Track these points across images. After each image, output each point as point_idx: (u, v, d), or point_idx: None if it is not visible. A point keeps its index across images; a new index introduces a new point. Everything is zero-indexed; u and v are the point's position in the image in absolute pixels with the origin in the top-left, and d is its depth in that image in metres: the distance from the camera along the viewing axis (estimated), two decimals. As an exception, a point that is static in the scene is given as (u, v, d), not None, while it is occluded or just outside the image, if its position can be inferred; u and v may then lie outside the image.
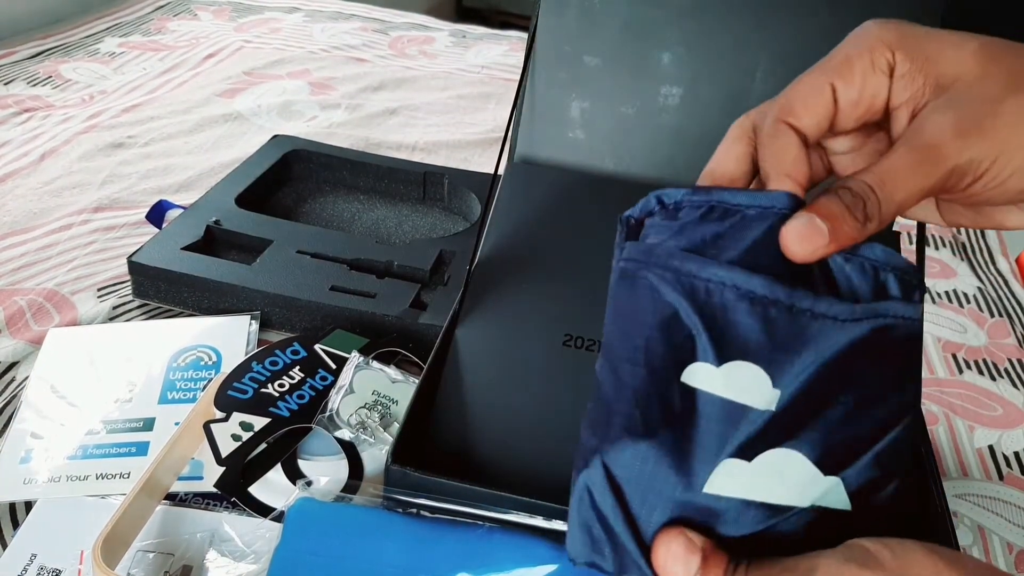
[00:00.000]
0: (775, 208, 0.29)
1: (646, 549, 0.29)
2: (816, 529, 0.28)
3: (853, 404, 0.29)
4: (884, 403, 0.29)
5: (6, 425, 0.55)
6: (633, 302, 0.31)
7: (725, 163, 0.32)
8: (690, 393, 0.28)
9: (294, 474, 0.51)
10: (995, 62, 0.28)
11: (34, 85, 1.05)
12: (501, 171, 0.57)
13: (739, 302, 0.29)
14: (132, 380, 0.58)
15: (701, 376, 0.28)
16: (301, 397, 0.55)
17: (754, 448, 0.28)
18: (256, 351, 0.59)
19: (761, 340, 0.28)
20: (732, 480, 0.28)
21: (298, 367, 0.57)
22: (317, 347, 0.59)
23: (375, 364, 0.57)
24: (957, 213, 0.33)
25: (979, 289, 0.80)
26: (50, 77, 1.08)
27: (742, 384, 0.28)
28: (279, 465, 0.52)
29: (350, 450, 0.53)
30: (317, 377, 0.57)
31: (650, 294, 0.30)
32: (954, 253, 0.85)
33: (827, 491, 0.28)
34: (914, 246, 0.53)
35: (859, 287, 0.29)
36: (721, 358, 0.28)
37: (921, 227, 0.52)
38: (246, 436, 0.52)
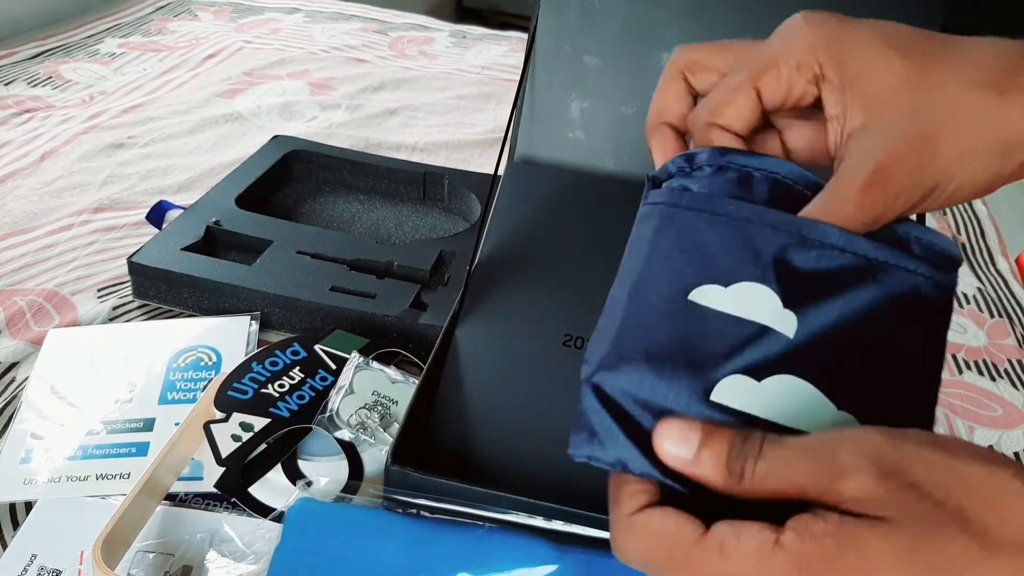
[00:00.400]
0: (790, 179, 0.31)
1: (646, 443, 0.28)
2: None
3: (878, 356, 0.28)
4: (909, 363, 0.29)
5: (6, 425, 0.55)
6: (656, 236, 0.31)
7: (668, 103, 0.35)
8: (699, 311, 0.29)
9: (294, 474, 0.51)
10: (922, 86, 0.28)
11: (34, 85, 1.05)
12: (501, 171, 0.57)
13: (766, 234, 0.29)
14: (132, 381, 0.58)
15: (710, 295, 0.29)
16: (301, 398, 0.55)
17: (765, 370, 0.28)
18: (256, 351, 0.59)
19: (788, 271, 0.29)
20: (739, 395, 0.28)
21: (298, 367, 0.57)
22: (317, 347, 0.59)
23: (375, 364, 0.57)
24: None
25: (979, 290, 0.80)
26: (50, 78, 1.08)
27: (750, 302, 0.28)
28: (279, 465, 0.52)
29: (350, 450, 0.53)
30: (317, 377, 0.57)
31: (675, 226, 0.31)
32: (954, 253, 0.85)
33: (839, 424, 0.28)
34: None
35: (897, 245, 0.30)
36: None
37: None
38: (246, 436, 0.52)
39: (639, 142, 0.57)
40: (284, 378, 0.56)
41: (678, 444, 0.27)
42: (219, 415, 0.53)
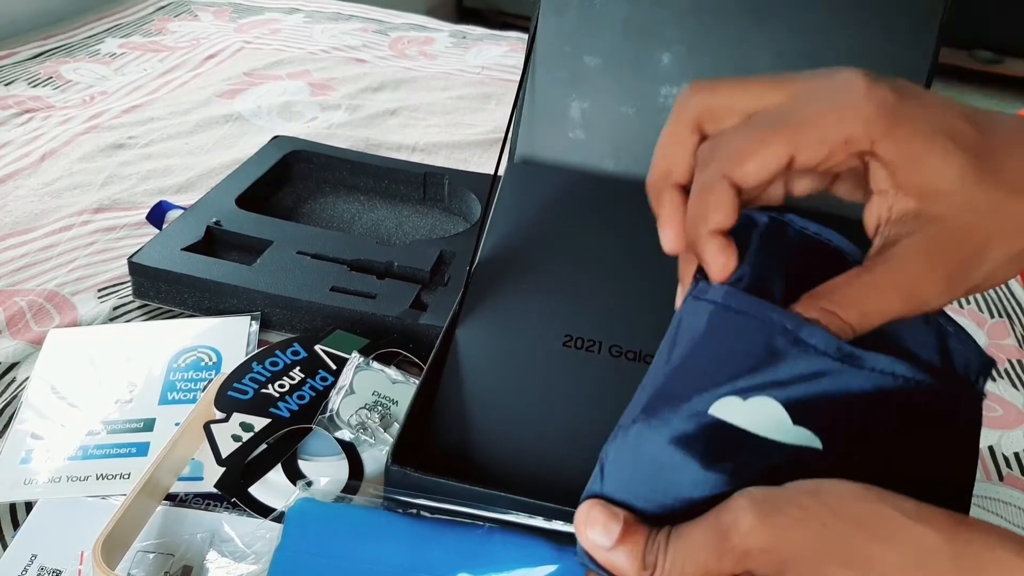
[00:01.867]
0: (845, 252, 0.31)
1: None
2: None
3: (902, 471, 0.28)
4: (940, 474, 0.29)
5: (6, 426, 0.55)
6: (702, 339, 0.30)
7: (678, 160, 0.32)
8: (720, 424, 0.28)
9: (294, 475, 0.51)
10: (977, 184, 0.27)
11: (35, 86, 1.05)
12: (501, 171, 0.57)
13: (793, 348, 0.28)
14: (132, 381, 0.58)
15: (727, 409, 0.28)
16: (301, 398, 0.55)
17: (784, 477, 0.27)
18: (256, 352, 0.59)
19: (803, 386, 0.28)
20: None
21: (298, 368, 0.57)
22: (317, 348, 0.59)
23: (375, 365, 0.57)
24: None
25: (979, 289, 0.80)
26: (51, 78, 1.08)
27: (762, 417, 0.28)
28: (279, 466, 0.52)
29: (350, 451, 0.53)
30: (317, 378, 0.57)
31: (719, 332, 0.30)
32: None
33: None
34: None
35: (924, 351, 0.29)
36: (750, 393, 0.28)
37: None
38: (246, 437, 0.52)
39: (639, 142, 0.57)
40: (284, 378, 0.56)
41: (600, 532, 0.27)
42: (219, 415, 0.53)
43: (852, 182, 0.31)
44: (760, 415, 0.28)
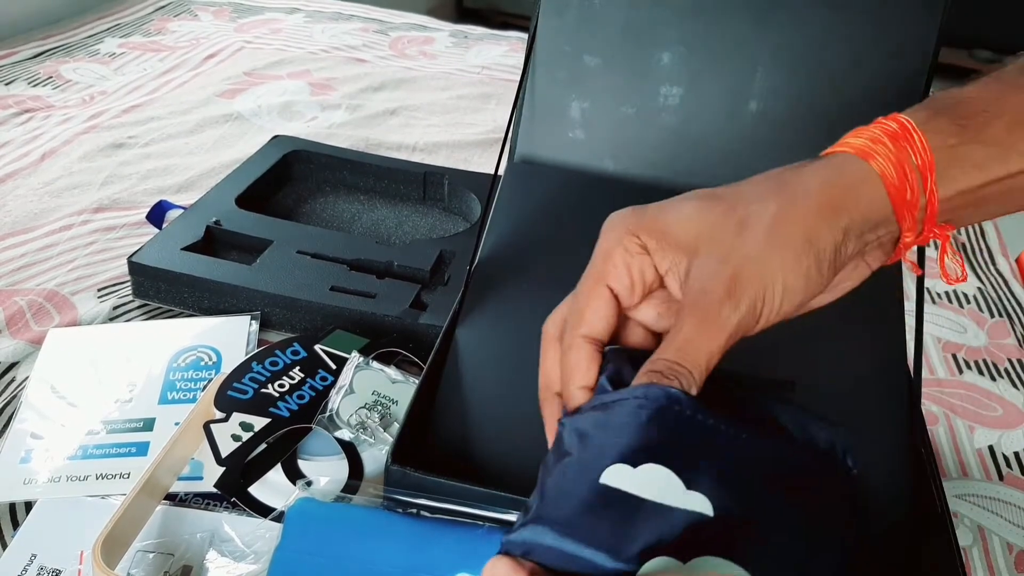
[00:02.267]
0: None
1: None
2: None
3: (784, 530, 0.29)
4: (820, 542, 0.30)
5: (6, 425, 0.55)
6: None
7: (552, 370, 0.36)
8: (611, 493, 0.29)
9: (294, 474, 0.51)
10: (714, 212, 0.33)
11: (35, 85, 1.05)
12: (501, 171, 0.57)
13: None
14: (132, 380, 0.58)
15: (618, 476, 0.29)
16: (301, 397, 0.55)
17: (687, 551, 0.28)
18: (256, 351, 0.59)
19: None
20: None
21: (298, 367, 0.57)
22: (317, 347, 0.59)
23: (375, 364, 0.57)
24: None
25: (979, 289, 0.80)
26: (50, 77, 1.08)
27: (654, 483, 0.28)
28: (279, 465, 0.52)
29: (350, 450, 0.53)
30: (317, 377, 0.57)
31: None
32: (954, 253, 0.85)
33: None
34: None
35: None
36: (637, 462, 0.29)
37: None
38: (246, 436, 0.52)
39: (639, 142, 0.57)
40: (284, 378, 0.56)
41: None
42: (219, 415, 0.53)
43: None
44: (652, 481, 0.29)
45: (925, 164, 0.31)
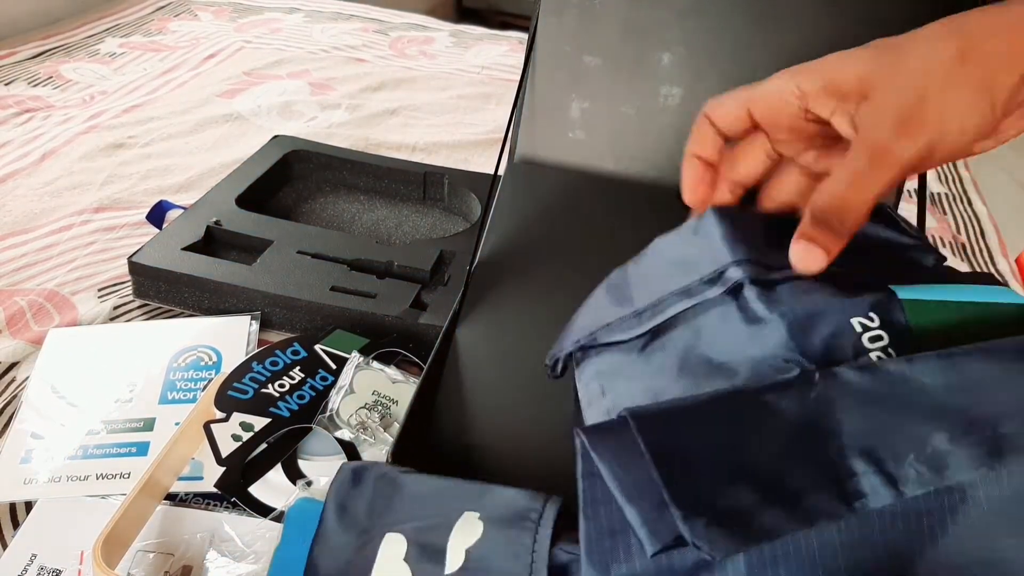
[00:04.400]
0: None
1: None
2: None
3: None
4: None
5: (6, 425, 0.55)
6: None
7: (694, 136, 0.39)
8: None
9: (294, 474, 0.51)
10: (889, 55, 0.33)
11: (35, 85, 1.05)
12: (501, 171, 0.57)
13: None
14: (132, 380, 0.58)
15: None
16: (301, 397, 0.55)
17: None
18: (256, 351, 0.59)
19: None
20: None
21: (298, 367, 0.57)
22: (317, 347, 0.59)
23: (375, 364, 0.57)
24: None
25: (979, 289, 0.80)
26: (51, 77, 1.08)
27: None
28: (279, 465, 0.52)
29: (350, 450, 0.53)
30: (317, 377, 0.57)
31: None
32: (954, 253, 0.85)
33: None
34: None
35: None
36: None
37: (921, 227, 0.52)
38: (246, 436, 0.52)
39: (639, 142, 0.57)
40: (284, 378, 0.56)
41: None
42: (219, 415, 0.53)
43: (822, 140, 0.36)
44: None
45: None
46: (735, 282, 0.33)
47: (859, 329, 0.31)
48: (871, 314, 0.31)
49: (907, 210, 0.68)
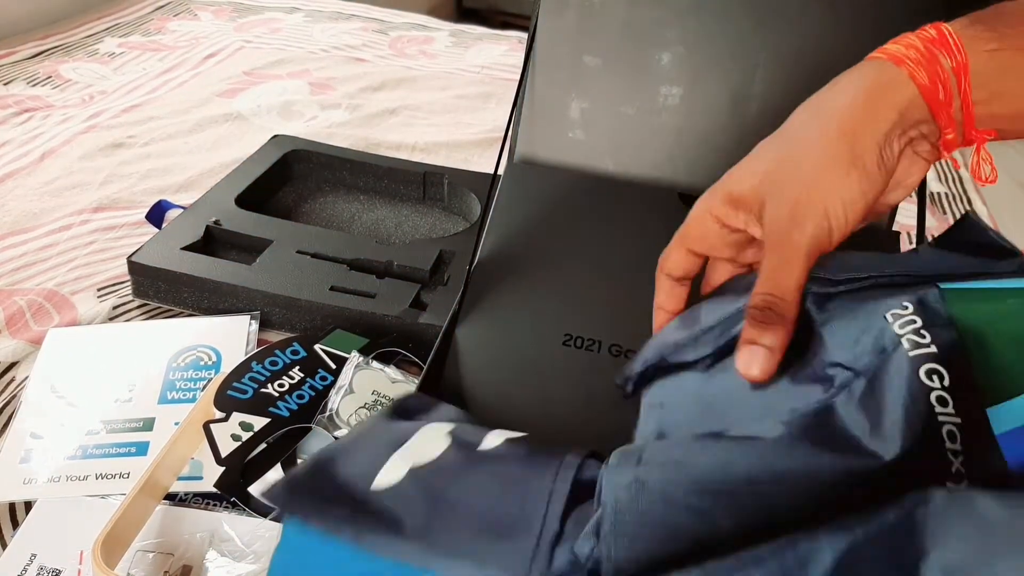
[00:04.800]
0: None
1: None
2: None
3: None
4: None
5: (6, 425, 0.55)
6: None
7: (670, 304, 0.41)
8: None
9: (294, 474, 0.51)
10: (767, 160, 0.36)
11: (34, 85, 1.05)
12: (501, 171, 0.57)
13: None
14: (132, 380, 0.58)
15: None
16: (301, 397, 0.55)
17: None
18: (256, 351, 0.59)
19: None
20: None
21: (298, 367, 0.57)
22: (317, 347, 0.59)
23: (375, 364, 0.57)
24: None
25: (979, 289, 0.80)
26: (50, 77, 1.08)
27: None
28: (279, 465, 0.52)
29: (350, 450, 0.53)
30: (317, 377, 0.57)
31: None
32: (954, 253, 0.85)
33: None
34: (914, 246, 0.53)
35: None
36: None
37: (921, 227, 0.52)
38: (246, 436, 0.52)
39: (639, 142, 0.57)
40: (284, 378, 0.56)
41: None
42: (219, 415, 0.53)
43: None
44: None
45: (959, 66, 0.33)
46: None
47: (890, 320, 0.30)
48: (905, 303, 0.30)
49: (907, 210, 0.68)
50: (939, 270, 0.34)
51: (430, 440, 0.34)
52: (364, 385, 0.55)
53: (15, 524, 0.48)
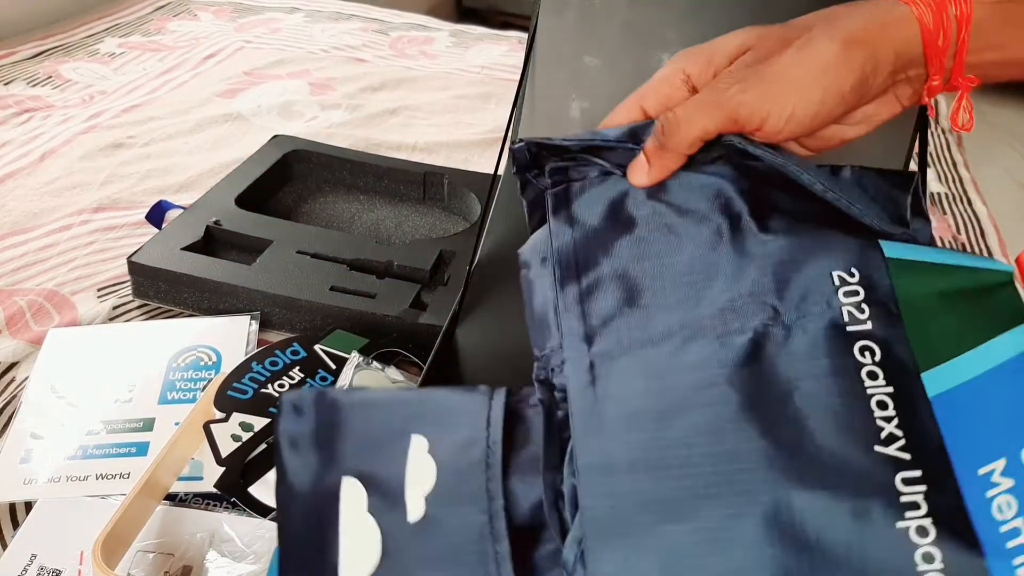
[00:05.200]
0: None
1: None
2: None
3: None
4: None
5: (6, 425, 0.55)
6: None
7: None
8: None
9: (294, 474, 0.51)
10: (761, 35, 0.36)
11: (34, 85, 1.05)
12: (501, 171, 0.57)
13: None
14: (132, 380, 0.58)
15: None
16: (301, 397, 0.55)
17: None
18: (256, 351, 0.59)
19: None
20: None
21: (298, 367, 0.57)
22: (317, 347, 0.59)
23: (375, 364, 0.57)
24: (809, 144, 0.39)
25: (979, 289, 0.80)
26: (50, 77, 1.08)
27: None
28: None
29: (350, 450, 0.53)
30: (317, 377, 0.57)
31: None
32: (954, 253, 0.85)
33: None
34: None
35: None
36: None
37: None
38: (246, 436, 0.52)
39: (639, 142, 0.57)
40: (284, 378, 0.56)
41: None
42: (219, 415, 0.53)
43: None
44: None
45: (963, 15, 0.34)
46: (736, 211, 0.36)
47: (836, 283, 0.33)
48: (853, 269, 0.33)
49: (907, 210, 0.68)
50: (863, 213, 0.35)
51: (362, 536, 0.33)
52: (364, 385, 0.55)
53: (15, 524, 0.48)
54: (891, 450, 0.29)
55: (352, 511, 0.34)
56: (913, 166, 0.54)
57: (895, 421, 0.29)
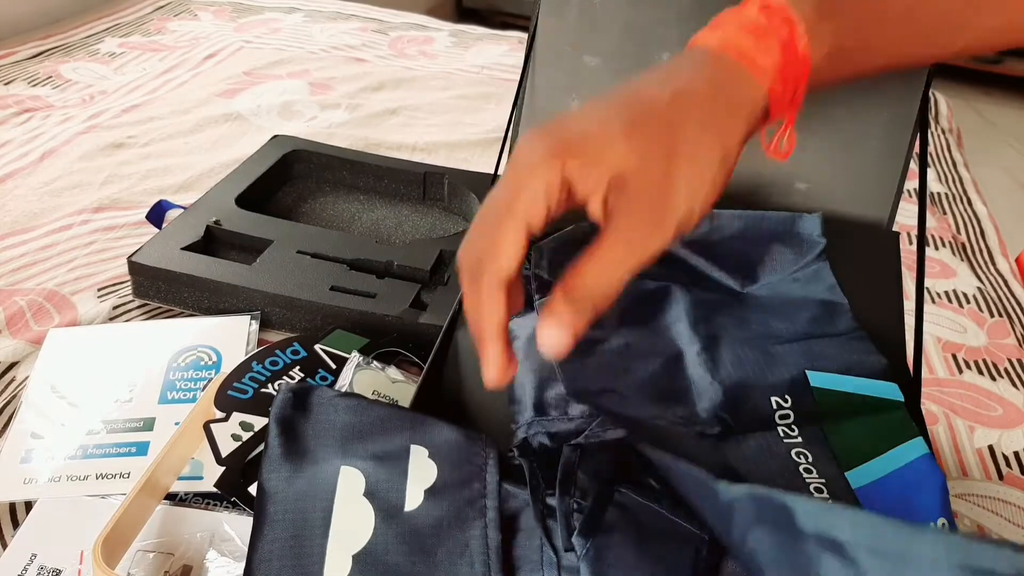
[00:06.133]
0: None
1: None
2: None
3: None
4: None
5: (6, 425, 0.55)
6: None
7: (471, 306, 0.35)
8: None
9: (294, 474, 0.51)
10: (644, 140, 0.32)
11: (34, 85, 1.05)
12: (501, 171, 0.57)
13: None
14: (132, 380, 0.58)
15: None
16: (301, 397, 0.55)
17: None
18: (256, 351, 0.59)
19: None
20: None
21: (298, 367, 0.57)
22: (317, 347, 0.59)
23: (375, 364, 0.57)
24: None
25: (979, 289, 0.80)
26: (50, 77, 1.08)
27: None
28: (279, 465, 0.52)
29: (350, 450, 0.53)
30: (317, 377, 0.57)
31: None
32: (954, 253, 0.85)
33: None
34: (914, 246, 0.53)
35: None
36: None
37: (921, 227, 0.52)
38: (246, 436, 0.52)
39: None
40: (284, 378, 0.56)
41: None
42: (219, 415, 0.53)
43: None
44: None
45: (803, 73, 0.35)
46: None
47: (774, 406, 0.43)
48: (787, 396, 0.43)
49: (907, 210, 0.69)
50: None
51: (353, 515, 0.35)
52: (364, 385, 0.55)
53: (15, 524, 0.48)
54: None
55: (348, 494, 0.35)
56: (913, 166, 0.54)
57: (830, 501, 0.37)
